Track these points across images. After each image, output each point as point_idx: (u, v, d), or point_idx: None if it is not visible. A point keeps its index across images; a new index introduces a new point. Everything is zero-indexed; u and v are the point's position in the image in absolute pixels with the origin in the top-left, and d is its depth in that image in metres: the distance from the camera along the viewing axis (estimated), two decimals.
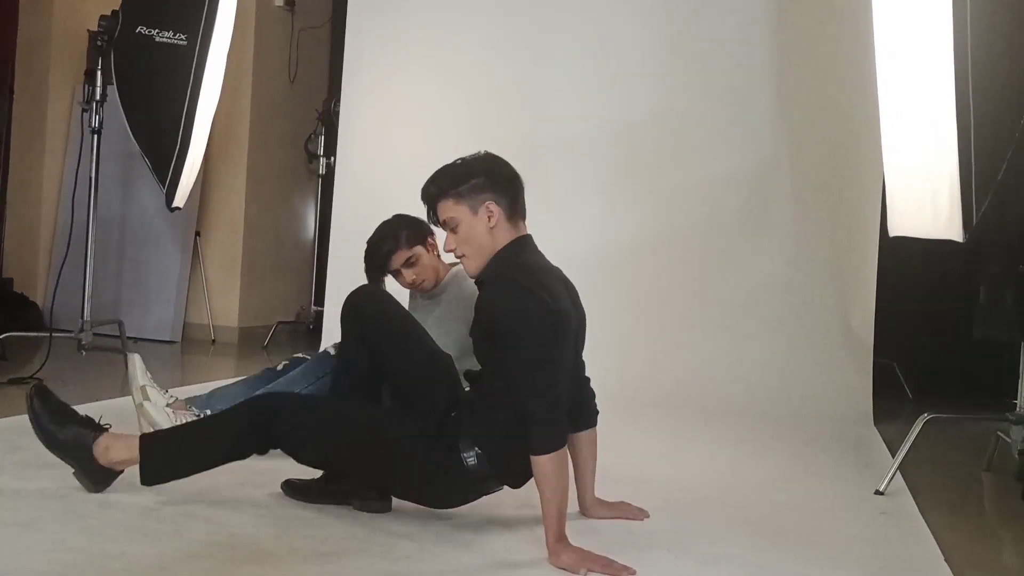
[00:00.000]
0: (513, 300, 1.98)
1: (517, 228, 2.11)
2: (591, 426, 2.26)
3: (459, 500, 2.16)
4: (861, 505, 2.56)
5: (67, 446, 2.17)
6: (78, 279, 4.23)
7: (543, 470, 1.90)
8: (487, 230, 2.07)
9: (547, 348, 1.96)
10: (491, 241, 2.08)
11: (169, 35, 4.07)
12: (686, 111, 4.39)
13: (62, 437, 2.17)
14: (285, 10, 5.91)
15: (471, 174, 2.09)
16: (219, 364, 5.00)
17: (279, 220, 6.11)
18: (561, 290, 2.08)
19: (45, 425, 2.18)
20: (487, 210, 2.07)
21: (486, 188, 2.08)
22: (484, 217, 2.07)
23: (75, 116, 5.53)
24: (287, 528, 2.06)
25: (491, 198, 2.07)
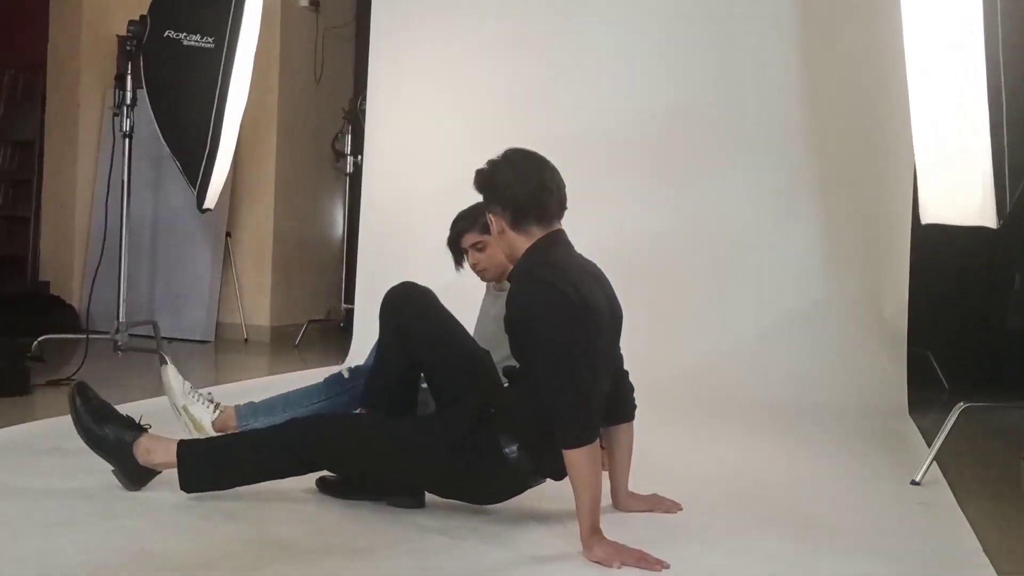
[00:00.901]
0: (535, 296, 1.99)
1: (530, 233, 2.10)
2: (628, 420, 2.26)
3: (504, 495, 2.17)
4: (897, 496, 2.54)
5: (108, 444, 2.21)
6: (113, 281, 4.29)
7: (574, 464, 1.91)
8: (497, 237, 2.15)
9: (571, 343, 1.95)
10: (507, 249, 2.14)
11: (197, 38, 4.11)
12: (711, 104, 4.36)
13: (103, 435, 2.21)
14: (310, 10, 5.94)
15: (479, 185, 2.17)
16: (252, 363, 5.05)
17: (308, 219, 6.15)
18: (592, 284, 2.08)
19: (87, 423, 2.22)
20: (490, 221, 2.14)
21: (487, 201, 2.16)
22: (494, 227, 2.14)
23: (106, 121, 5.60)
24: (321, 525, 2.08)
25: (493, 209, 2.13)
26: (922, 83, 3.11)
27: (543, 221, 2.11)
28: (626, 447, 2.27)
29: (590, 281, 2.09)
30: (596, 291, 2.08)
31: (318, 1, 5.97)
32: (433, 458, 2.12)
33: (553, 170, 2.14)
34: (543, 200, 2.10)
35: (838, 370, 4.10)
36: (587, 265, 2.16)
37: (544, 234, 2.11)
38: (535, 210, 2.10)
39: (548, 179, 2.11)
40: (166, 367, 2.80)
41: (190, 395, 2.75)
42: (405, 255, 4.67)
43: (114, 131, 4.16)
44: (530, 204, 2.09)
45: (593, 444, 1.93)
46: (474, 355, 2.31)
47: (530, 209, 2.09)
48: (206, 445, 2.31)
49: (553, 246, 2.11)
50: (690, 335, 4.28)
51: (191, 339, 5.46)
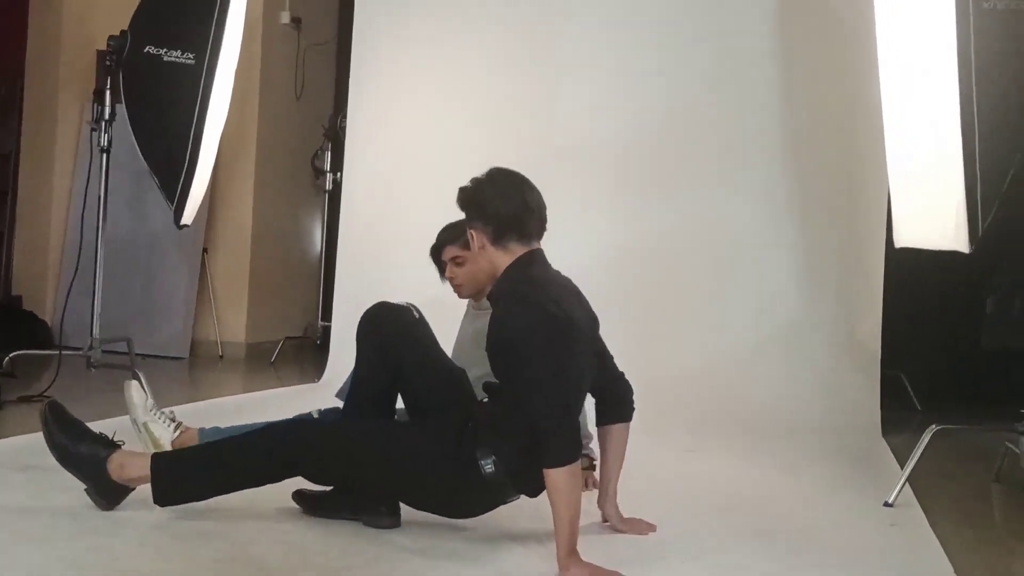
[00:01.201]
0: (519, 316, 2.01)
1: (509, 250, 2.12)
2: (625, 420, 2.30)
3: (478, 509, 2.17)
4: (871, 516, 2.55)
5: (81, 462, 2.18)
6: (87, 297, 4.24)
7: (555, 483, 1.91)
8: (477, 252, 2.17)
9: (555, 363, 1.97)
10: (485, 265, 2.18)
11: (177, 54, 4.09)
12: (692, 124, 4.41)
13: (76, 453, 2.18)
14: (291, 27, 5.95)
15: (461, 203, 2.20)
16: (227, 380, 5.01)
17: (286, 236, 6.13)
18: (572, 300, 2.12)
19: (59, 441, 2.19)
20: (470, 236, 2.17)
21: (470, 217, 2.18)
22: (475, 242, 2.17)
23: (84, 135, 5.56)
24: (298, 544, 2.07)
25: (475, 225, 2.16)
26: (896, 109, 3.16)
27: (523, 239, 2.14)
28: (619, 447, 2.29)
29: (570, 297, 2.13)
30: (576, 307, 2.12)
31: (299, 18, 5.98)
32: (413, 465, 2.13)
33: (535, 191, 2.17)
34: (524, 219, 2.13)
35: (812, 390, 4.13)
36: (565, 282, 2.19)
37: (524, 252, 2.13)
38: (516, 227, 2.12)
39: (530, 199, 2.15)
40: (130, 382, 2.77)
41: (152, 412, 2.72)
42: (383, 273, 4.67)
43: (92, 146, 4.13)
44: (511, 221, 2.12)
45: (575, 464, 1.93)
46: (452, 373, 2.31)
47: (511, 226, 2.12)
48: (180, 455, 2.28)
49: (532, 264, 2.13)
50: (665, 355, 4.30)
51: (166, 356, 5.41)
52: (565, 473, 1.90)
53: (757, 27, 4.40)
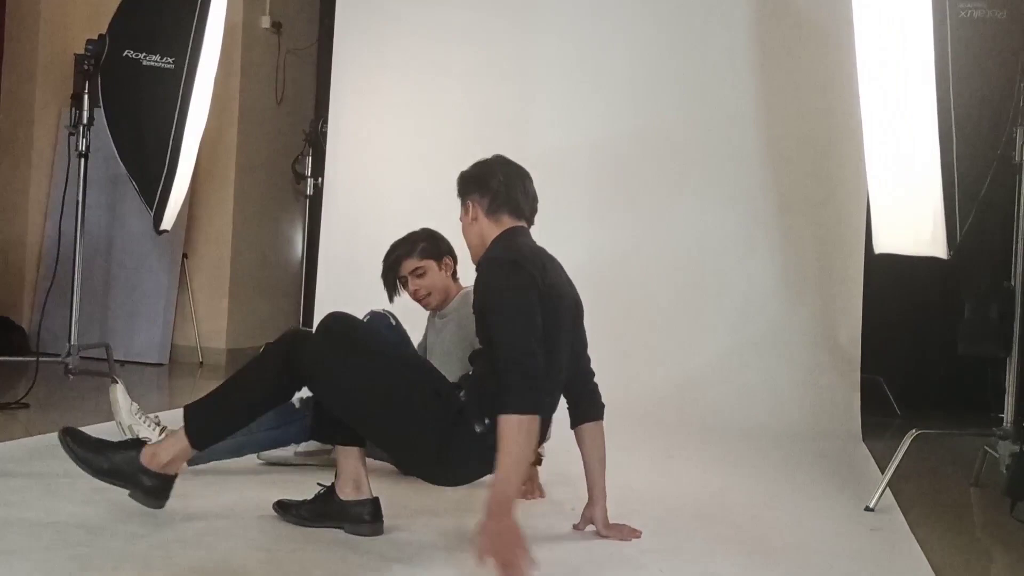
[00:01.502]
0: (495, 271, 2.11)
1: (500, 221, 2.26)
2: (597, 419, 2.33)
3: (470, 472, 2.16)
4: (851, 521, 2.57)
5: (116, 469, 2.15)
6: (64, 302, 4.20)
7: (503, 430, 1.87)
8: (469, 224, 2.30)
9: (526, 315, 2.03)
10: (475, 238, 2.29)
11: (156, 58, 4.07)
12: (672, 131, 4.42)
13: (107, 463, 2.15)
14: (272, 32, 5.93)
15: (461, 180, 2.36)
16: (207, 386, 4.94)
17: (266, 241, 6.10)
18: (558, 273, 2.23)
19: (88, 458, 2.17)
20: (466, 208, 2.31)
21: (468, 190, 2.32)
22: (468, 214, 2.30)
23: (61, 139, 5.52)
24: (278, 553, 2.05)
25: (472, 197, 2.30)
26: (875, 116, 3.18)
27: (515, 214, 2.27)
28: (597, 444, 2.31)
29: (557, 270, 2.23)
30: (563, 283, 2.23)
31: (280, 23, 5.95)
32: (407, 418, 2.10)
33: (532, 183, 2.35)
34: (520, 198, 2.29)
35: (793, 395, 4.16)
36: (553, 258, 2.28)
37: (514, 225, 2.25)
38: (511, 203, 2.27)
39: (529, 186, 2.33)
40: (115, 386, 2.79)
41: (137, 416, 2.75)
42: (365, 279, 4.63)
43: (69, 150, 4.10)
44: (508, 197, 2.27)
45: (530, 417, 1.89)
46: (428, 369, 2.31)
47: (507, 201, 2.27)
48: (206, 396, 2.25)
49: (520, 235, 2.26)
50: (645, 362, 4.31)
51: (145, 362, 5.37)
52: (515, 421, 1.88)
53: (735, 35, 4.42)
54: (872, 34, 3.13)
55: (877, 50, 3.09)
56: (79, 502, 2.32)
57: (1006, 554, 2.48)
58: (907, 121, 2.88)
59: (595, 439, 2.31)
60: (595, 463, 2.30)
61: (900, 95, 2.93)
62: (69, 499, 2.35)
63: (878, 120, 3.16)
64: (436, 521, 2.36)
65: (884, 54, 3.04)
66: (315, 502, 2.27)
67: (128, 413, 2.74)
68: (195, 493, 2.51)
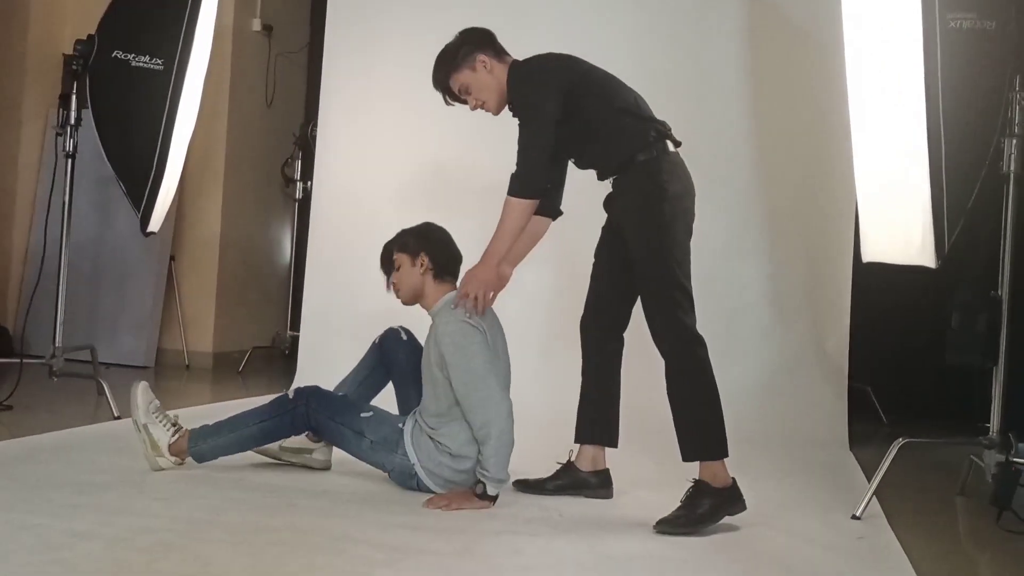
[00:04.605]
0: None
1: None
2: (551, 216, 2.87)
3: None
4: (837, 530, 2.57)
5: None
6: (50, 304, 4.17)
7: (505, 207, 2.59)
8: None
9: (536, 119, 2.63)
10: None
11: (145, 60, 4.05)
12: None
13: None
14: (262, 35, 5.91)
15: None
16: (193, 390, 4.95)
17: (255, 245, 6.08)
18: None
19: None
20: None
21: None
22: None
23: (49, 140, 5.48)
24: (262, 558, 2.03)
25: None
26: (864, 125, 3.20)
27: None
28: (535, 232, 2.82)
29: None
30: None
31: (271, 26, 5.94)
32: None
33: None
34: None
35: (780, 403, 4.16)
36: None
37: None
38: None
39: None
40: (138, 383, 2.80)
41: (154, 415, 2.76)
42: (353, 283, 4.63)
43: (57, 151, 4.07)
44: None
45: (524, 201, 2.61)
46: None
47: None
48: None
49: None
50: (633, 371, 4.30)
51: (131, 365, 5.33)
52: (512, 200, 2.58)
53: (727, 45, 4.43)
54: (862, 43, 3.14)
55: (867, 59, 3.10)
56: (62, 505, 2.30)
57: (991, 563, 2.48)
58: (896, 130, 2.89)
59: (537, 226, 2.81)
60: (528, 240, 2.78)
61: (889, 104, 2.94)
62: (52, 502, 2.32)
63: (867, 129, 3.17)
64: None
65: (874, 64, 3.05)
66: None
67: (145, 412, 2.75)
68: (180, 494, 2.50)
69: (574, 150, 2.74)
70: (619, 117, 2.64)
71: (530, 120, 2.63)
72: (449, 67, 2.76)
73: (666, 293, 2.53)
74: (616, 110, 2.64)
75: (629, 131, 2.62)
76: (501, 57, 2.76)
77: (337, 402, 2.78)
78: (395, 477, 2.72)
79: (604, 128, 2.65)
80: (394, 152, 4.69)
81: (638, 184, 2.59)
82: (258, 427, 2.75)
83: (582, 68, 2.72)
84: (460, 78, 2.75)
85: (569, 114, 2.62)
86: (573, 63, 2.73)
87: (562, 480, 2.77)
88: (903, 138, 2.81)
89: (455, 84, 2.76)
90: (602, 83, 2.70)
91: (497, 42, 2.79)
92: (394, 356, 2.92)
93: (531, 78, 2.67)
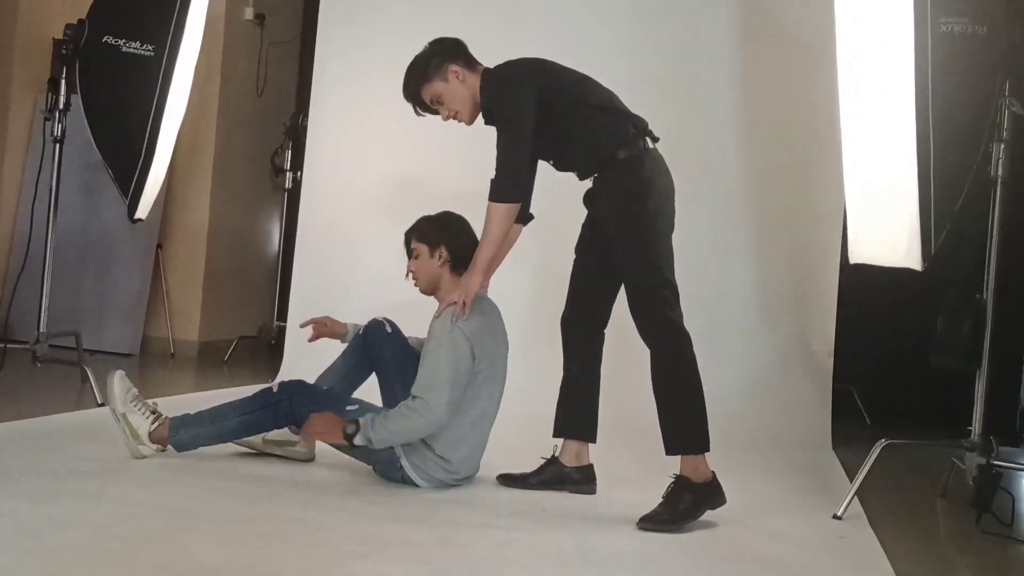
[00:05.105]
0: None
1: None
2: (522, 222, 2.82)
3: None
4: (819, 529, 2.58)
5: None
6: (35, 289, 4.15)
7: (488, 213, 2.58)
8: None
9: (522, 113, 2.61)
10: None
11: (136, 45, 4.02)
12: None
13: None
14: (255, 24, 5.88)
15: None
16: (178, 378, 4.93)
17: (243, 234, 6.05)
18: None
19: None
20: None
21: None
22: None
23: (37, 125, 5.44)
24: (242, 547, 2.03)
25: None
26: (853, 128, 3.21)
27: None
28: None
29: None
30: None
31: (263, 15, 5.91)
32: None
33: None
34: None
35: (765, 403, 4.17)
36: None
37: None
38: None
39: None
40: (114, 373, 2.78)
41: (132, 404, 2.74)
42: (341, 274, 4.63)
43: (44, 136, 4.04)
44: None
45: (507, 205, 2.60)
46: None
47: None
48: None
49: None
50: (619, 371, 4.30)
51: (115, 352, 5.31)
52: (494, 206, 2.58)
53: (718, 49, 4.43)
54: (853, 46, 3.15)
55: (858, 62, 3.11)
56: (42, 492, 2.29)
57: (970, 565, 2.50)
58: (885, 133, 2.90)
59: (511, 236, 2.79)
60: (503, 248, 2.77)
61: (879, 107, 2.95)
62: (32, 489, 2.31)
63: (857, 132, 3.18)
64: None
65: (864, 66, 3.06)
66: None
67: (123, 401, 2.73)
68: (162, 482, 2.49)
69: (552, 153, 2.73)
70: (595, 115, 2.64)
71: (507, 125, 2.61)
72: (421, 78, 2.74)
73: (652, 288, 2.53)
74: (592, 108, 2.64)
75: (607, 129, 2.62)
76: (472, 67, 2.75)
77: (321, 396, 2.77)
78: (379, 470, 2.72)
79: (581, 128, 2.64)
80: (385, 144, 4.68)
81: (621, 181, 2.59)
82: (240, 420, 2.74)
83: (554, 70, 2.71)
84: (432, 89, 2.73)
85: (544, 117, 2.61)
86: (544, 66, 2.72)
87: (546, 475, 2.78)
88: (892, 140, 2.82)
89: (427, 95, 2.74)
90: (575, 84, 2.70)
91: (468, 52, 2.78)
92: (378, 349, 2.90)
93: (505, 84, 2.66)
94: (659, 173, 2.63)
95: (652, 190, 2.58)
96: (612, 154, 2.60)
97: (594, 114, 2.64)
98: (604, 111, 2.65)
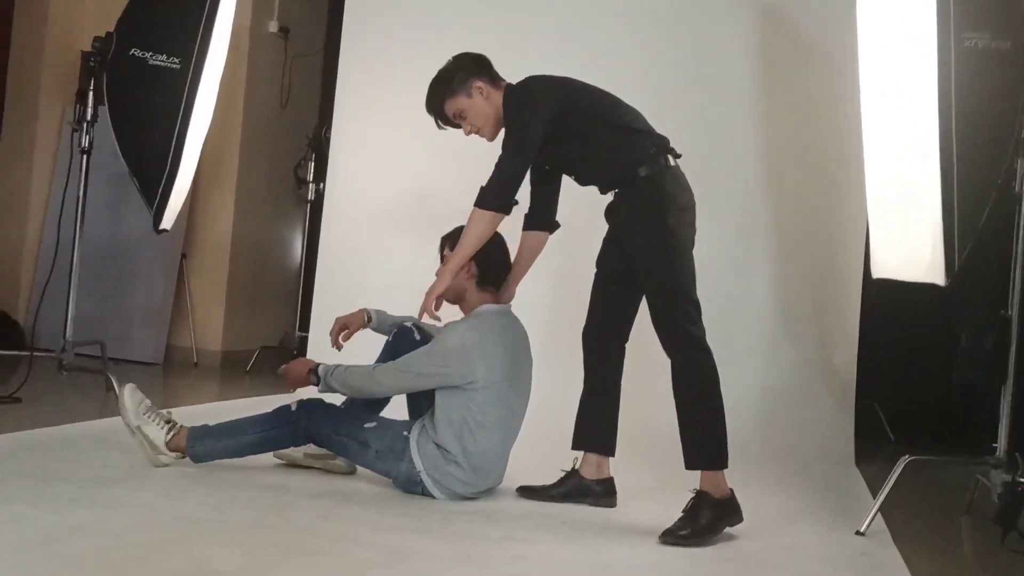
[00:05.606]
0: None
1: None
2: (548, 230, 2.87)
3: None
4: (841, 546, 2.56)
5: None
6: (61, 299, 4.20)
7: (472, 218, 2.59)
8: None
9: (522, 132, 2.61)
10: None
11: (163, 58, 4.08)
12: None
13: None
14: (279, 37, 5.94)
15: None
16: (201, 388, 4.97)
17: (266, 245, 6.10)
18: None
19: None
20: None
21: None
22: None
23: (64, 136, 5.52)
24: (260, 557, 2.04)
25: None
26: (876, 141, 3.19)
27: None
28: (533, 250, 2.89)
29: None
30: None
31: (287, 28, 5.97)
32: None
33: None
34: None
35: (787, 418, 4.14)
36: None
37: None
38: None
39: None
40: (124, 387, 2.79)
41: (145, 415, 2.75)
42: (363, 285, 4.64)
43: (72, 147, 4.10)
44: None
45: (490, 213, 2.59)
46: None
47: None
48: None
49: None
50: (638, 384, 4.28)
51: (139, 361, 5.36)
52: (479, 212, 2.58)
53: (738, 57, 4.42)
54: (876, 60, 3.14)
55: (880, 76, 3.10)
56: (64, 499, 2.31)
57: None
58: (908, 147, 2.89)
59: (536, 242, 2.86)
60: (521, 264, 2.85)
61: (902, 121, 2.94)
62: (55, 496, 2.34)
63: (880, 145, 3.16)
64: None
65: (887, 80, 3.04)
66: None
67: (135, 414, 2.74)
68: (182, 491, 2.51)
69: (573, 168, 2.75)
70: (616, 134, 2.64)
71: (513, 137, 2.62)
72: (445, 93, 2.75)
73: (675, 304, 2.53)
74: (614, 127, 2.64)
75: (628, 147, 2.62)
76: (496, 83, 2.75)
77: (339, 415, 2.77)
78: (399, 484, 2.72)
79: (602, 145, 2.65)
80: (407, 156, 4.70)
81: (643, 197, 2.60)
82: (258, 436, 2.75)
83: (575, 87, 2.72)
84: (456, 104, 2.74)
85: (561, 134, 2.62)
86: (566, 84, 2.72)
87: (566, 487, 2.77)
88: (916, 155, 2.80)
89: (450, 110, 2.75)
90: (597, 102, 2.71)
91: (492, 68, 2.78)
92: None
93: (523, 99, 2.66)
94: (680, 189, 2.63)
95: (673, 207, 2.58)
96: (633, 172, 2.60)
97: (614, 132, 2.65)
98: (626, 130, 2.65)
